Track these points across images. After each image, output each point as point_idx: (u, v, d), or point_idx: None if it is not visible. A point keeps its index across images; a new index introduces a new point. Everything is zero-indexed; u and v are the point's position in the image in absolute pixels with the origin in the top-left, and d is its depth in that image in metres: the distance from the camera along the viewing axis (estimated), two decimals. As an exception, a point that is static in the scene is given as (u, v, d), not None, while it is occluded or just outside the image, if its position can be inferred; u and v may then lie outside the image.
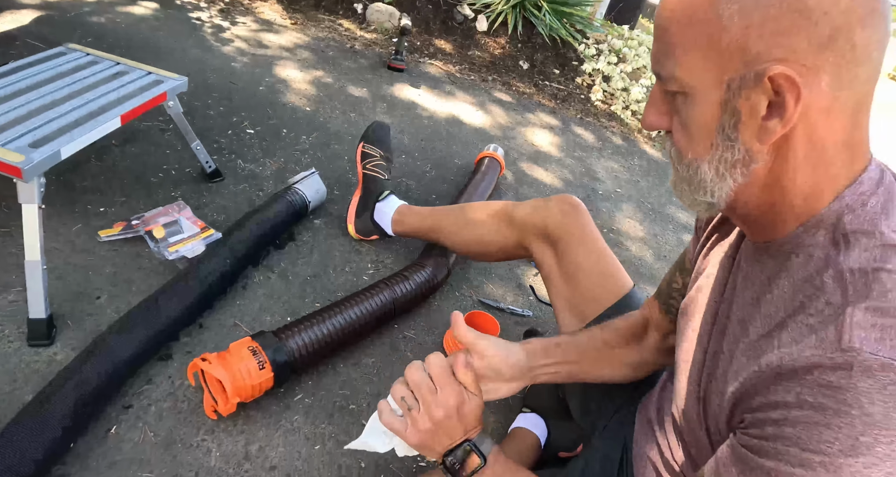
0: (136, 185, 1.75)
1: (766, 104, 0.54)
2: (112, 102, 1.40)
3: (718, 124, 0.58)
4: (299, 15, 3.59)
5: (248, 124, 2.24)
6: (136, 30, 2.75)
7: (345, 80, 2.88)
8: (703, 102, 0.58)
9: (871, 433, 0.48)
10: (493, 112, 3.10)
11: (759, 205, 0.62)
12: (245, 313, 1.45)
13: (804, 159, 0.57)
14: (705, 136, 0.59)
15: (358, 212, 1.73)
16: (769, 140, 0.56)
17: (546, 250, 1.33)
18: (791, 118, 0.54)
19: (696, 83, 0.58)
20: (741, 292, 0.68)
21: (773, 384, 0.55)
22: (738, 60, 0.54)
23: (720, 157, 0.59)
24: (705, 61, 0.56)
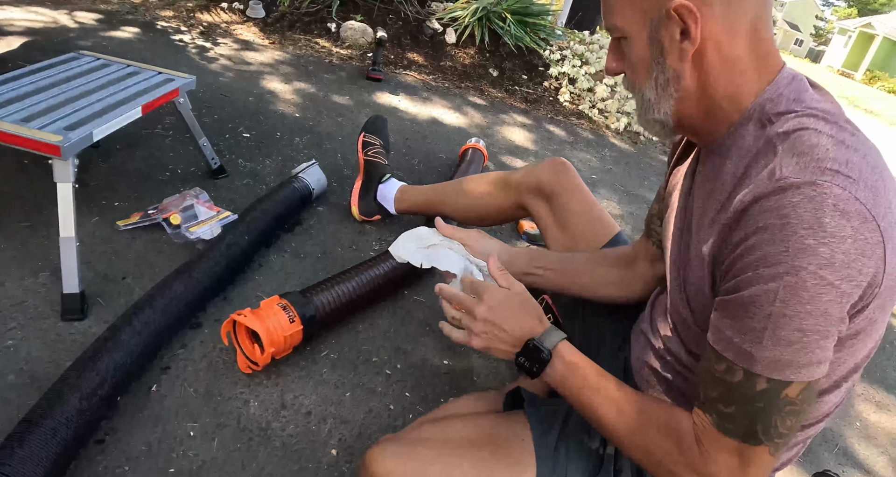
0: (145, 182, 1.84)
1: (679, 32, 0.71)
2: (131, 96, 1.50)
3: (650, 55, 0.75)
4: (276, 35, 3.73)
5: (244, 129, 2.34)
6: (124, 52, 2.85)
7: (327, 89, 3.01)
8: (638, 41, 0.76)
9: (812, 236, 0.61)
10: (469, 114, 3.26)
11: (698, 114, 0.78)
12: (264, 286, 1.55)
13: (720, 70, 0.73)
14: (643, 67, 0.77)
15: (361, 195, 1.84)
16: (686, 58, 0.73)
17: (542, 205, 1.46)
18: (696, 37, 0.70)
19: (630, 27, 0.75)
20: (699, 189, 0.83)
21: (732, 231, 0.68)
22: (653, 4, 0.72)
23: (656, 80, 0.77)
24: (633, 10, 0.74)
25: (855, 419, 1.76)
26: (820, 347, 0.65)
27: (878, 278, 0.64)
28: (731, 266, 0.69)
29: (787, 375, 0.66)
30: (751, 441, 0.69)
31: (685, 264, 0.83)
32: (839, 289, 0.62)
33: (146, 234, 1.62)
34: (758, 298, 0.65)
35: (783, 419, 0.68)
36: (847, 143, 0.67)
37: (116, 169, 1.88)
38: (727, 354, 0.69)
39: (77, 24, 3.14)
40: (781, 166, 0.66)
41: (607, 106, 3.89)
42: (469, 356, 1.50)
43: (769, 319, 0.65)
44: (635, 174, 3.07)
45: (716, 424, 0.71)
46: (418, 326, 1.55)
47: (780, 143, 0.69)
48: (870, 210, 0.62)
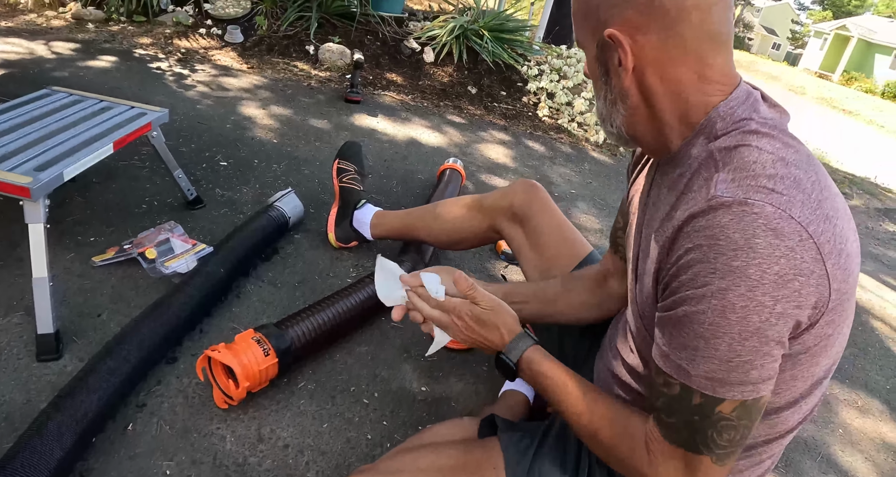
0: (121, 215, 1.85)
1: (617, 58, 0.76)
2: (103, 132, 1.51)
3: (598, 72, 0.81)
4: (254, 60, 3.75)
5: (221, 158, 2.35)
6: (101, 81, 2.86)
7: (305, 113, 3.03)
8: (590, 57, 0.82)
9: (740, 258, 0.62)
10: (448, 133, 3.29)
11: (650, 130, 0.81)
12: (241, 318, 1.55)
13: (663, 92, 0.77)
14: (595, 81, 0.83)
15: (337, 221, 1.85)
16: (625, 80, 0.77)
17: (515, 228, 1.48)
18: (627, 63, 0.75)
19: (585, 45, 0.82)
20: (654, 200, 0.86)
21: (670, 248, 0.71)
22: (599, 28, 0.77)
23: (604, 96, 0.82)
24: (585, 30, 0.80)
25: (837, 426, 1.78)
26: (755, 368, 0.66)
27: (824, 296, 0.66)
28: (668, 284, 0.72)
29: (720, 393, 0.68)
30: (693, 450, 0.72)
31: (640, 276, 0.85)
32: (773, 310, 0.64)
33: (122, 270, 1.62)
34: (689, 317, 0.67)
35: (720, 433, 0.70)
36: (788, 159, 0.69)
37: (92, 203, 1.88)
38: (665, 368, 0.72)
39: (54, 55, 3.15)
40: (717, 184, 0.68)
41: (586, 119, 3.94)
42: (447, 381, 1.51)
43: (700, 339, 0.67)
44: (615, 187, 3.10)
45: (661, 432, 0.74)
46: (396, 352, 1.56)
47: (721, 158, 0.71)
48: (806, 228, 0.64)
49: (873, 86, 28.92)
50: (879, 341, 2.34)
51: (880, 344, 2.32)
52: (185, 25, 3.90)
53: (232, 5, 4.11)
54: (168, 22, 3.91)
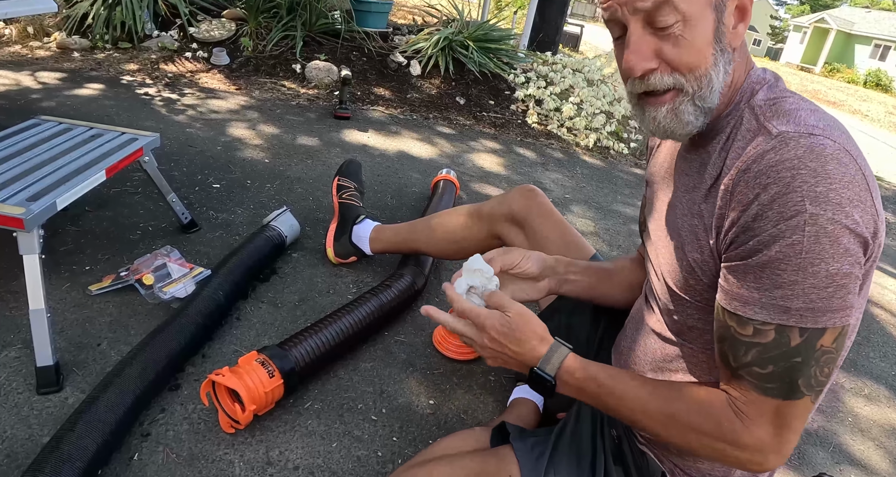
0: (116, 243, 1.83)
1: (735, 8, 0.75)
2: (95, 159, 1.50)
3: (714, 37, 0.74)
4: (241, 81, 3.76)
5: (213, 180, 2.34)
6: (89, 109, 2.86)
7: (295, 132, 3.03)
8: (702, 23, 0.72)
9: (821, 184, 0.64)
10: (438, 144, 3.29)
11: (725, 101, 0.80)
12: (243, 340, 1.53)
13: (740, 52, 0.78)
14: (707, 49, 0.74)
15: (336, 237, 1.84)
16: (739, 40, 0.77)
17: (516, 233, 1.48)
18: (749, 18, 0.75)
19: (694, 10, 0.72)
20: (684, 168, 0.87)
21: (734, 195, 0.71)
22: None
23: (716, 62, 0.75)
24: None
25: (847, 415, 1.77)
26: (848, 291, 0.67)
27: (878, 225, 0.68)
28: (745, 229, 0.70)
29: (822, 322, 0.67)
30: (794, 396, 0.70)
31: (672, 243, 0.85)
32: (853, 231, 0.65)
33: (119, 297, 1.60)
34: (783, 252, 0.67)
35: (821, 368, 0.69)
36: (820, 112, 0.72)
37: (86, 231, 1.87)
38: (755, 315, 0.70)
39: (40, 85, 3.15)
40: (775, 125, 0.70)
41: (575, 124, 3.95)
42: (455, 394, 1.50)
43: (798, 271, 0.66)
44: (608, 189, 3.11)
45: (756, 387, 0.72)
46: (401, 366, 1.55)
47: (764, 110, 0.74)
48: (857, 161, 0.67)
49: (856, 76, 29.22)
50: (881, 329, 2.34)
51: (882, 331, 2.32)
52: (170, 50, 3.90)
53: (217, 28, 4.11)
54: (153, 47, 3.92)
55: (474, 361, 1.60)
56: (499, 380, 1.56)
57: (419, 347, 1.61)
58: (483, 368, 1.59)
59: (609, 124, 4.01)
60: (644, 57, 0.75)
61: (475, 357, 1.60)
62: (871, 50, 31.48)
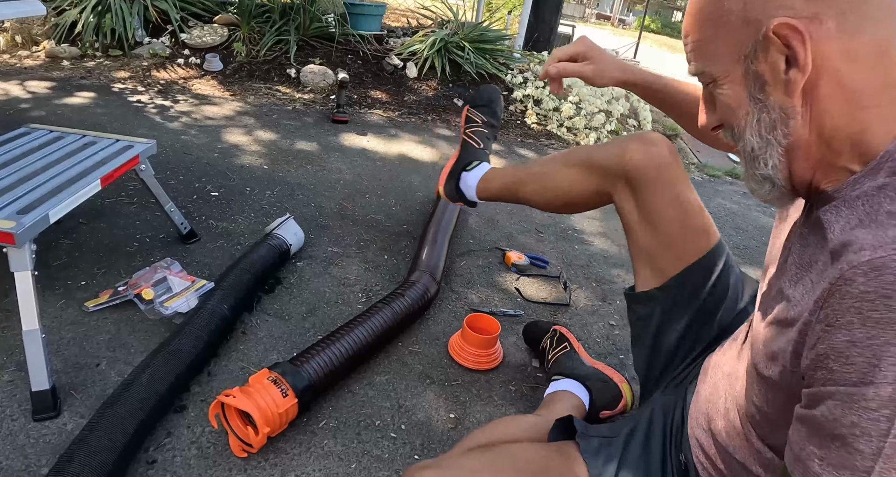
0: (112, 256, 1.75)
1: (784, 60, 0.58)
2: (89, 168, 1.42)
3: (748, 93, 0.63)
4: (235, 86, 3.68)
5: (212, 188, 2.26)
6: (80, 117, 2.77)
7: (293, 137, 2.95)
8: (732, 81, 0.64)
9: None
10: (439, 146, 3.22)
11: (811, 166, 0.62)
12: (251, 355, 1.45)
13: (840, 105, 0.58)
14: (742, 109, 0.64)
15: (449, 175, 1.70)
16: (796, 90, 0.59)
17: (627, 196, 1.20)
18: (805, 62, 0.57)
19: (721, 68, 0.64)
20: (799, 245, 0.68)
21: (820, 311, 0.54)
22: (747, 33, 0.60)
23: (758, 121, 0.63)
24: (724, 45, 0.63)
25: None
26: None
27: None
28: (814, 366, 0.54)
29: None
30: None
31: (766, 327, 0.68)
32: None
33: (118, 313, 1.52)
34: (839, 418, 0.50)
35: None
36: None
37: (80, 244, 1.78)
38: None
39: (30, 95, 3.06)
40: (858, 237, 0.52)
41: (574, 123, 3.89)
42: (475, 406, 1.42)
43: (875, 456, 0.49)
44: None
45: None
46: (417, 378, 1.47)
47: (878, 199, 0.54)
48: None
49: None
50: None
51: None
52: (162, 56, 3.82)
53: (209, 33, 4.04)
54: (145, 54, 3.83)
55: (493, 370, 1.53)
56: (520, 389, 1.48)
57: (435, 358, 1.54)
58: (503, 378, 1.51)
59: (609, 123, 3.96)
60: (701, 117, 0.72)
61: (493, 366, 1.53)
62: None
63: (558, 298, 1.89)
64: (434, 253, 1.81)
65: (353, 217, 2.21)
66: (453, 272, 1.93)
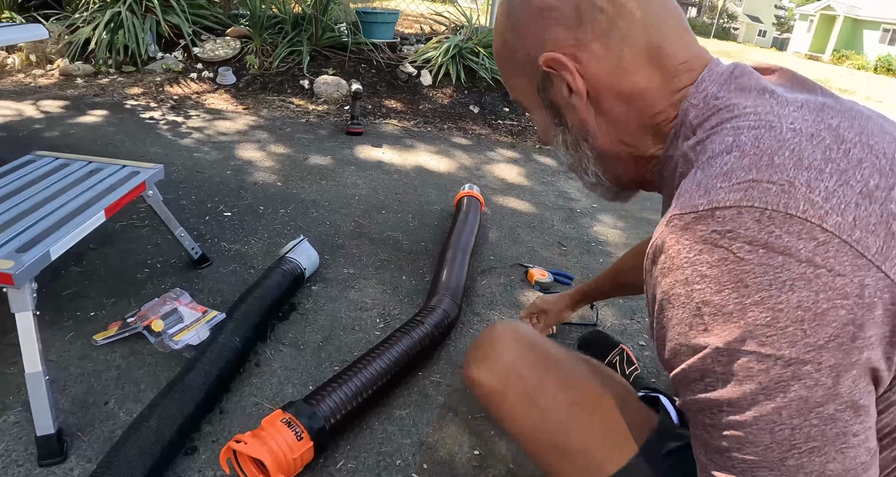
0: (122, 283, 1.70)
1: (566, 86, 0.63)
2: (93, 198, 1.36)
3: (550, 119, 0.69)
4: (249, 100, 3.64)
5: (224, 208, 2.21)
6: (93, 137, 2.74)
7: (307, 151, 2.90)
8: (537, 108, 0.70)
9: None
10: (456, 156, 3.14)
11: (628, 162, 0.68)
12: (264, 390, 1.39)
13: (628, 110, 0.63)
14: (549, 131, 0.70)
15: None
16: (581, 111, 0.64)
17: None
18: (579, 87, 0.62)
19: (525, 98, 0.70)
20: None
21: None
22: (532, 68, 0.65)
23: (563, 141, 0.69)
24: (520, 79, 0.69)
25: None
26: None
27: None
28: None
29: None
30: None
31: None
32: None
33: (126, 347, 1.46)
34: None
35: None
36: (786, 128, 0.51)
37: (90, 272, 1.74)
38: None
39: (43, 114, 3.04)
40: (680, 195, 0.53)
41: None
42: (500, 441, 1.34)
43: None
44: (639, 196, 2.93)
45: None
46: (439, 412, 1.39)
47: (697, 156, 0.56)
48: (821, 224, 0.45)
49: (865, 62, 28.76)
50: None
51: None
52: (175, 71, 3.80)
53: (221, 47, 4.01)
54: (158, 69, 3.81)
55: (519, 400, 1.44)
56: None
57: (457, 387, 1.46)
58: (530, 410, 1.43)
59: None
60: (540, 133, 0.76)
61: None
62: (881, 35, 30.99)
63: (584, 317, 1.80)
64: (453, 273, 1.73)
65: (370, 235, 2.14)
66: (474, 292, 1.85)
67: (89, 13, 3.82)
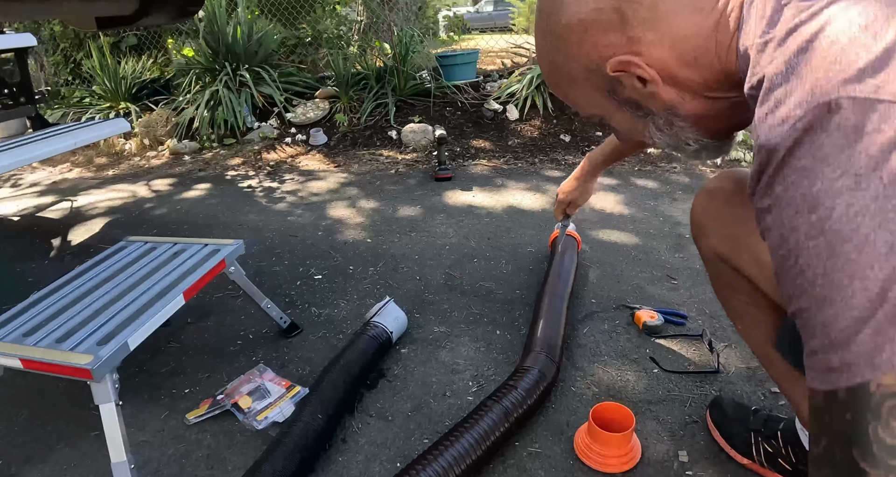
0: (216, 357, 1.70)
1: (637, 79, 0.67)
2: (173, 282, 1.38)
3: (632, 116, 0.75)
4: (340, 157, 3.72)
5: (315, 271, 2.21)
6: (196, 211, 2.89)
7: (396, 203, 2.88)
8: (614, 113, 0.75)
9: None
10: (548, 191, 3.00)
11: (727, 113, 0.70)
12: (351, 469, 1.30)
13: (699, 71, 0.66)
14: (636, 127, 0.76)
15: None
16: (663, 95, 0.69)
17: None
18: (652, 76, 0.66)
19: (597, 108, 0.76)
20: None
21: None
22: (596, 79, 0.70)
23: (656, 127, 0.74)
24: (585, 93, 0.74)
25: None
26: None
27: None
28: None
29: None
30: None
31: None
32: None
33: (217, 425, 1.44)
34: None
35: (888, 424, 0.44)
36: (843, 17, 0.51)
37: (187, 347, 1.77)
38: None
39: (153, 193, 3.26)
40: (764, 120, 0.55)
41: (699, 144, 3.51)
42: (617, 523, 1.16)
43: None
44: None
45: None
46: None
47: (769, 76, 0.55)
48: None
49: None
50: None
51: None
52: (271, 138, 3.98)
53: (311, 109, 4.16)
54: (255, 138, 4.02)
55: (632, 470, 1.25)
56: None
57: (559, 459, 1.29)
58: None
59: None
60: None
61: (628, 467, 1.25)
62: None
63: (703, 363, 1.58)
64: (550, 326, 1.59)
65: (462, 287, 2.04)
66: (575, 343, 1.68)
67: (191, 95, 4.12)
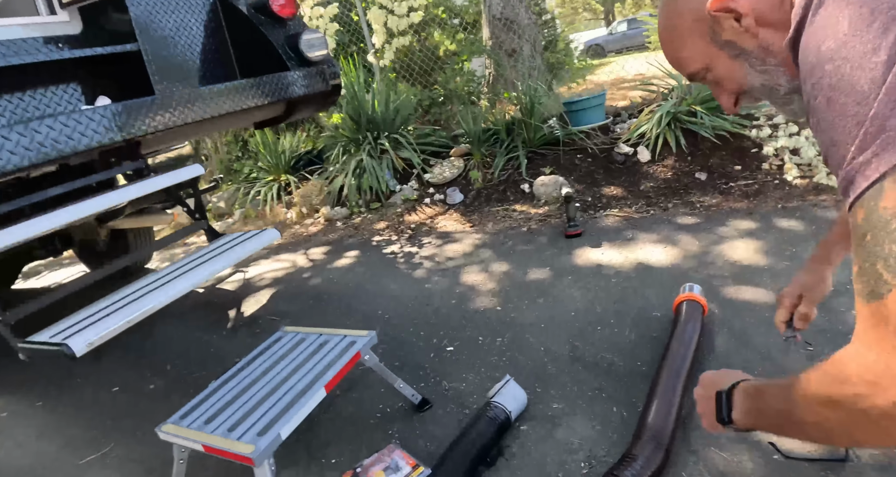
0: (358, 429, 1.94)
1: (733, 19, 0.78)
2: (317, 375, 1.64)
3: (735, 60, 0.84)
4: (475, 215, 3.94)
5: (447, 342, 2.40)
6: (345, 280, 3.24)
7: (526, 265, 3.00)
8: (716, 59, 0.85)
9: None
10: (680, 242, 2.95)
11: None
12: (472, 551, 1.44)
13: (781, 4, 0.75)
14: (738, 71, 0.85)
15: None
16: (755, 30, 0.78)
17: None
18: (746, 9, 0.76)
19: (705, 57, 0.86)
20: None
21: None
22: (701, 27, 0.83)
23: (752, 66, 0.83)
24: (695, 44, 0.85)
25: None
26: None
27: None
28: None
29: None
30: (882, 289, 0.57)
31: None
32: None
33: (358, 500, 1.65)
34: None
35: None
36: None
37: (335, 418, 2.02)
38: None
39: (310, 263, 3.70)
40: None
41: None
42: None
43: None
44: None
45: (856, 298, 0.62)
46: None
47: None
48: None
49: None
50: None
51: None
52: (411, 200, 4.31)
53: (447, 168, 4.45)
54: (398, 201, 4.38)
55: None
56: None
57: (673, 554, 1.32)
58: None
59: None
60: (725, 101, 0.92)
61: None
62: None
63: (830, 449, 1.49)
64: (663, 408, 1.61)
65: (584, 359, 2.11)
66: (692, 424, 1.68)
67: (340, 165, 4.60)
